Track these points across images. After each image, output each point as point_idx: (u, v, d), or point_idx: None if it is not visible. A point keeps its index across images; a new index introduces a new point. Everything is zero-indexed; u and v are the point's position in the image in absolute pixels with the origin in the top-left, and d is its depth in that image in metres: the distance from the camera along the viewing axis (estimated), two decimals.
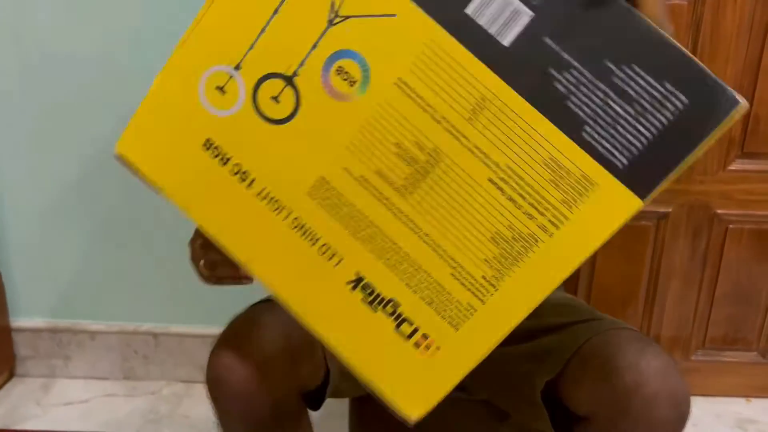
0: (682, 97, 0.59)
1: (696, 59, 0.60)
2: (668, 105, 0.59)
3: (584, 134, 0.60)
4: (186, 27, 0.64)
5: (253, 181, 0.64)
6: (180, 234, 0.86)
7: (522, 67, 0.59)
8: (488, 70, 0.59)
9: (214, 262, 0.78)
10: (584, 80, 0.59)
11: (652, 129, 0.60)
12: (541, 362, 0.88)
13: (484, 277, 0.62)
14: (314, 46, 0.61)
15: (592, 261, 1.66)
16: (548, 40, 0.59)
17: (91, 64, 1.47)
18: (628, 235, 1.63)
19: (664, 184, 0.61)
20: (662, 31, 0.58)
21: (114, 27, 1.45)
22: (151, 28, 1.44)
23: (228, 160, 0.64)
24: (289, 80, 0.62)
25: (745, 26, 1.46)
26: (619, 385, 0.76)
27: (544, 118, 0.60)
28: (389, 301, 0.64)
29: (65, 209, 1.59)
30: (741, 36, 1.46)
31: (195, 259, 0.80)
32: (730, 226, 1.62)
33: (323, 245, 0.64)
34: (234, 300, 0.92)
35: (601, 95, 0.59)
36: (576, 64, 0.59)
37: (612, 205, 0.61)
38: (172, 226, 1.24)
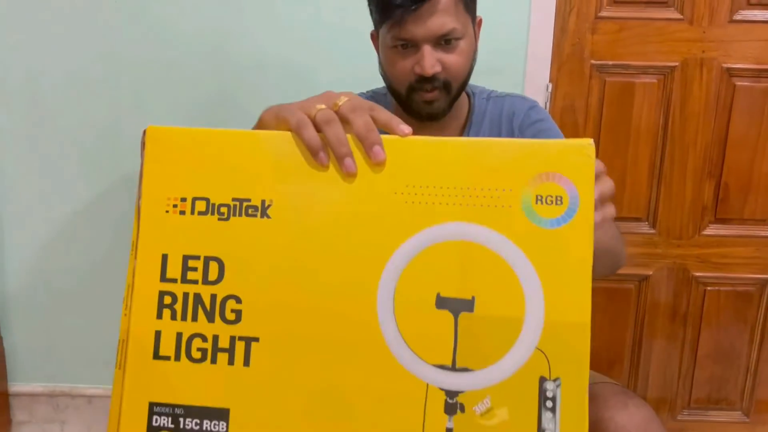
0: None
1: None
2: None
3: None
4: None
5: None
6: None
7: None
8: None
9: None
10: None
11: None
12: None
13: None
14: None
15: None
16: None
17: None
18: (611, 297, 1.70)
19: None
20: None
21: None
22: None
23: None
24: None
25: (711, 102, 1.57)
26: None
27: None
28: None
29: (65, 277, 1.64)
30: (708, 111, 1.58)
31: None
32: (708, 288, 1.69)
33: None
34: None
35: None
36: None
37: None
38: None
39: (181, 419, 0.58)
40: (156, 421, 0.58)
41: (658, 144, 1.60)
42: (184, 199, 0.60)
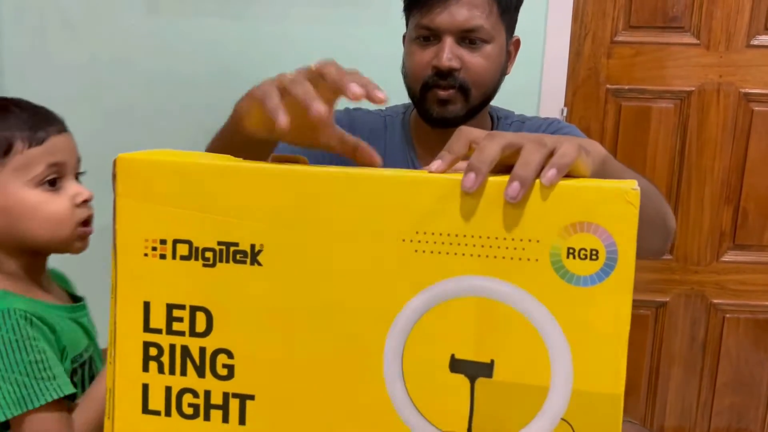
0: None
1: None
2: None
3: None
4: None
5: None
6: None
7: None
8: None
9: None
10: None
11: None
12: None
13: None
14: None
15: None
16: None
17: None
18: None
19: None
20: None
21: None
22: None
23: None
24: None
25: (729, 126, 1.56)
26: None
27: None
28: None
29: None
30: (726, 136, 1.56)
31: None
32: (727, 315, 1.66)
33: None
34: None
35: None
36: None
37: None
38: None
39: None
40: None
41: (674, 169, 1.59)
42: (163, 242, 0.52)
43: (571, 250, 0.46)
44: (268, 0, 1.51)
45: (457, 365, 0.48)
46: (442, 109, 0.93)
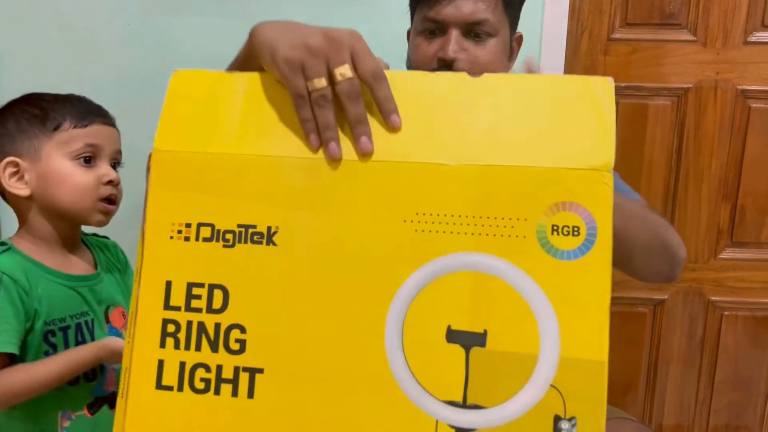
0: None
1: None
2: None
3: None
4: None
5: None
6: None
7: None
8: None
9: None
10: None
11: None
12: None
13: None
14: None
15: None
16: None
17: None
18: (626, 321, 1.67)
19: None
20: None
21: None
22: None
23: None
24: None
25: (726, 124, 1.55)
26: None
27: None
28: None
29: None
30: (723, 133, 1.56)
31: None
32: (725, 312, 1.66)
33: None
34: None
35: None
36: None
37: None
38: None
39: None
40: None
41: (672, 166, 1.58)
42: (188, 225, 0.57)
43: (555, 227, 0.51)
44: None
45: (453, 336, 0.52)
46: None
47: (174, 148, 0.58)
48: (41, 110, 0.88)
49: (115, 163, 0.93)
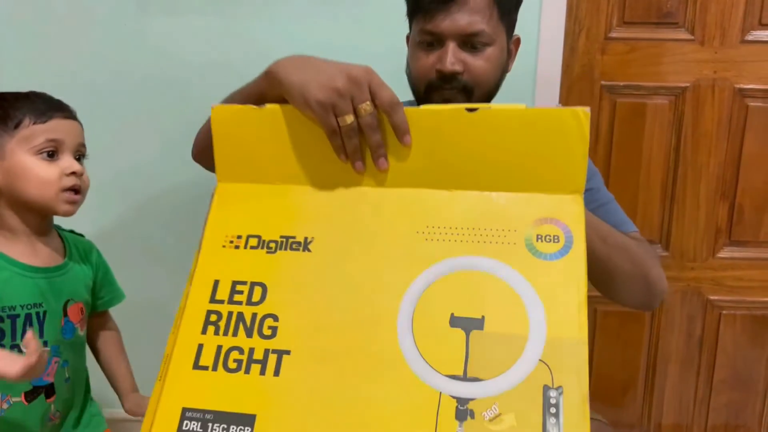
0: None
1: None
2: None
3: None
4: None
5: None
6: None
7: None
8: None
9: None
10: None
11: None
12: None
13: None
14: None
15: (590, 348, 1.69)
16: None
17: None
18: (625, 320, 1.67)
19: None
20: None
21: None
22: None
23: None
24: None
25: (724, 122, 1.55)
26: None
27: None
28: None
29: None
30: (721, 131, 1.56)
31: None
32: (723, 312, 1.66)
33: None
34: None
35: None
36: None
37: None
38: None
39: (210, 424, 0.62)
40: (186, 426, 0.62)
41: (670, 165, 1.58)
42: (239, 236, 0.70)
43: (539, 236, 0.64)
44: None
45: (455, 321, 0.62)
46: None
47: (231, 180, 0.74)
48: (2, 109, 0.92)
49: (80, 156, 0.96)
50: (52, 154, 0.92)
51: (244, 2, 1.50)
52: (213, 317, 0.66)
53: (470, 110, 0.68)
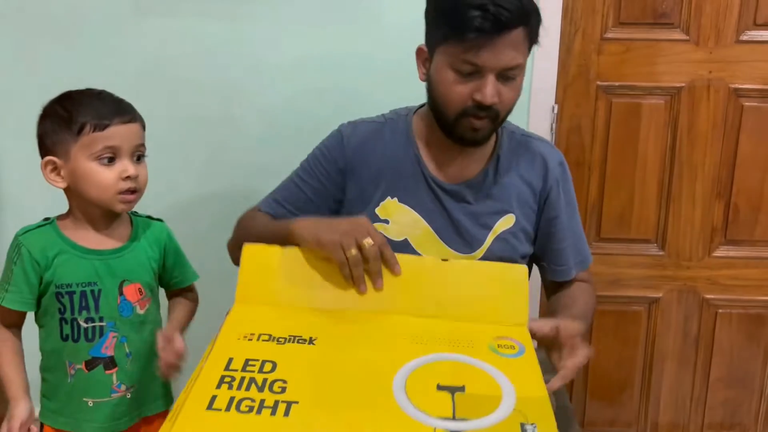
0: None
1: None
2: None
3: None
4: None
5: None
6: None
7: None
8: None
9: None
10: None
11: None
12: None
13: None
14: None
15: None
16: None
17: None
18: (621, 319, 1.68)
19: None
20: None
21: None
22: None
23: None
24: None
25: (719, 122, 1.56)
26: None
27: None
28: None
29: None
30: (716, 131, 1.57)
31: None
32: (720, 310, 1.67)
33: None
34: None
35: None
36: None
37: None
38: None
39: None
40: None
41: (666, 165, 1.59)
42: (252, 334, 0.83)
43: (499, 345, 0.84)
44: (257, 0, 1.50)
45: (441, 388, 0.76)
46: (475, 134, 1.01)
47: (248, 303, 0.90)
48: (67, 113, 1.00)
49: (139, 155, 1.04)
50: (111, 159, 1.00)
51: (241, 3, 1.50)
52: (227, 379, 0.74)
53: (444, 260, 0.94)
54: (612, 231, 1.62)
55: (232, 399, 0.71)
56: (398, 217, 1.08)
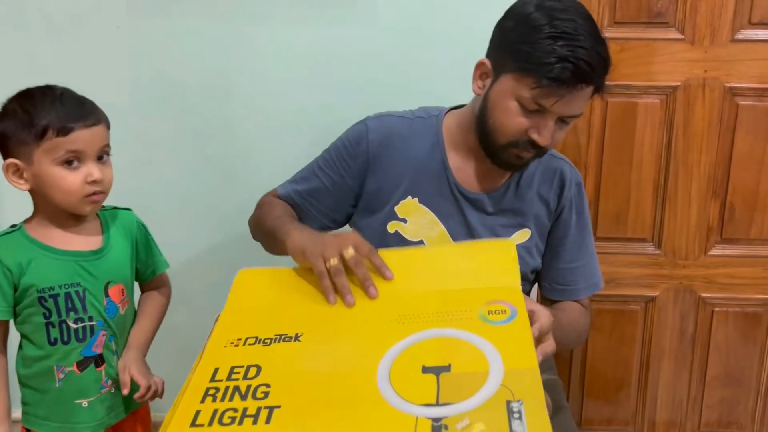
0: None
1: None
2: None
3: None
4: None
5: None
6: None
7: None
8: None
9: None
10: None
11: None
12: None
13: None
14: None
15: (584, 346, 1.70)
16: None
17: None
18: (618, 318, 1.68)
19: None
20: None
21: None
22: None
23: None
24: None
25: (715, 121, 1.56)
26: None
27: None
28: None
29: None
30: (712, 130, 1.57)
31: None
32: (716, 309, 1.67)
33: None
34: None
35: None
36: None
37: None
38: None
39: None
40: None
41: (661, 164, 1.59)
42: (240, 339, 0.83)
43: (490, 311, 0.82)
44: (252, 0, 1.50)
45: (426, 369, 0.74)
46: (519, 161, 1.03)
47: (236, 309, 0.90)
48: (28, 115, 0.97)
49: (103, 155, 1.02)
50: (74, 163, 0.98)
51: (237, 3, 1.50)
52: (212, 391, 0.75)
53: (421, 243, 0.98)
54: (608, 230, 1.62)
55: (215, 412, 0.72)
56: (416, 218, 1.08)
